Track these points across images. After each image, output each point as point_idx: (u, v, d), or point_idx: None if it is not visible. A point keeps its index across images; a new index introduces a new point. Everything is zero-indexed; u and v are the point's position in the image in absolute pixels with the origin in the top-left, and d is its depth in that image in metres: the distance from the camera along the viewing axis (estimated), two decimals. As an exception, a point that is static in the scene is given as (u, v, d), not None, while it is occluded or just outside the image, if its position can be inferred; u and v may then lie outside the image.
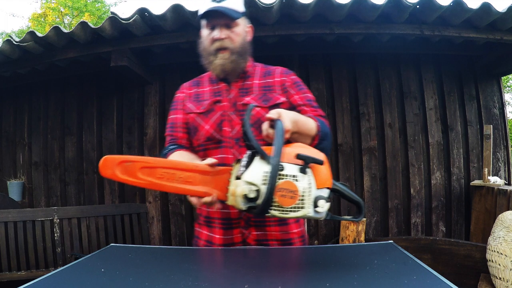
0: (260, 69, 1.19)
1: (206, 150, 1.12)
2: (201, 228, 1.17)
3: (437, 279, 0.77)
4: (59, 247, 2.60)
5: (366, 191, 2.83)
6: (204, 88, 1.19)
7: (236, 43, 1.08)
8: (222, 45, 1.07)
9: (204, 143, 1.12)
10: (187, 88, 1.22)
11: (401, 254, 0.97)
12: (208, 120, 1.12)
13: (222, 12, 1.03)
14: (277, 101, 1.10)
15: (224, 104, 1.12)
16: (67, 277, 0.84)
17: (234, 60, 1.09)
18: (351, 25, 2.38)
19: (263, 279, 0.79)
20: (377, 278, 0.72)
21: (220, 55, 1.08)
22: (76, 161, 3.06)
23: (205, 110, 1.13)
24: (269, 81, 1.15)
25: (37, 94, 3.15)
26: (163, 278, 0.82)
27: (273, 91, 1.13)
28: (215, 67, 1.09)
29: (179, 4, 2.19)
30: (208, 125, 1.11)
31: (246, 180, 0.73)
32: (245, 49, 1.12)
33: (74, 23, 12.88)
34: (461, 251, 2.24)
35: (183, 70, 2.96)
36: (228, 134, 1.10)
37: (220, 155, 1.09)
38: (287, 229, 1.09)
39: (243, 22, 1.12)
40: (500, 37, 2.40)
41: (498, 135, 2.89)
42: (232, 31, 1.08)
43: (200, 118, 1.13)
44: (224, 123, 1.11)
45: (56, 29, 2.32)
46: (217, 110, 1.12)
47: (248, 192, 0.72)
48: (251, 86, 1.14)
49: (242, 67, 1.13)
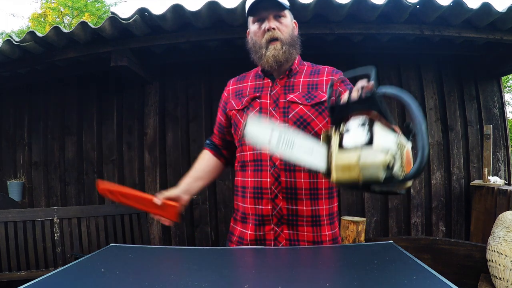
0: (308, 68, 1.19)
1: (242, 145, 1.15)
2: (236, 224, 1.19)
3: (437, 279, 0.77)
4: (59, 247, 2.60)
5: (366, 191, 2.83)
6: (247, 83, 1.20)
7: (286, 34, 1.10)
8: (273, 35, 1.08)
9: (242, 139, 1.14)
10: (232, 84, 1.25)
11: (401, 254, 0.97)
12: (246, 117, 1.12)
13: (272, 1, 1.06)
14: (321, 99, 1.09)
15: (263, 100, 1.12)
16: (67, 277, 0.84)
17: (286, 50, 1.09)
18: (351, 25, 2.38)
19: (263, 279, 0.79)
20: (377, 278, 0.72)
21: (271, 46, 1.08)
22: (76, 161, 3.06)
23: (243, 107, 1.14)
24: (315, 79, 1.14)
25: (37, 94, 3.15)
26: (163, 278, 0.82)
27: (318, 89, 1.12)
28: (268, 59, 1.08)
29: (179, 4, 2.19)
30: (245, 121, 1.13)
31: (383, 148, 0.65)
32: (295, 41, 1.13)
33: (74, 23, 12.88)
34: (461, 251, 2.24)
35: (183, 70, 2.96)
36: None
37: (257, 151, 1.10)
38: (320, 230, 1.09)
39: (290, 15, 1.14)
40: (500, 37, 2.40)
41: (498, 135, 2.89)
42: (280, 22, 1.09)
43: (239, 114, 1.15)
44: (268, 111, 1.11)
45: (56, 29, 2.32)
46: (255, 106, 1.12)
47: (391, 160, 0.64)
48: (297, 84, 1.13)
49: (294, 58, 1.13)
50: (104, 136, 3.04)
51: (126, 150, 3.00)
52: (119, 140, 3.03)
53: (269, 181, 1.07)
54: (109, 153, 3.02)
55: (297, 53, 1.14)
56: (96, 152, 3.03)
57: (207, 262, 0.89)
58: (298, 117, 1.08)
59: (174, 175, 2.93)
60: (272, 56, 1.08)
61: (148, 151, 2.91)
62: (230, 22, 2.31)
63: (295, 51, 1.13)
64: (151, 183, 2.88)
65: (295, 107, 1.09)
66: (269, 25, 1.07)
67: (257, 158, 1.10)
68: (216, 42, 2.60)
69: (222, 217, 2.91)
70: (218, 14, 2.23)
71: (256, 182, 1.09)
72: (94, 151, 3.03)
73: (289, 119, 1.08)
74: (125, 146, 3.00)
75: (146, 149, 2.91)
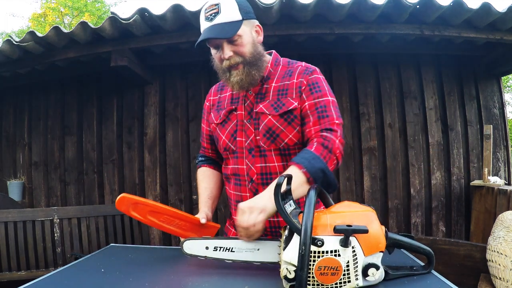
0: (282, 68, 1.12)
1: (225, 159, 1.15)
2: (231, 227, 1.20)
3: (437, 279, 0.77)
4: (59, 247, 2.60)
5: (366, 191, 2.83)
6: (226, 93, 1.17)
7: (245, 55, 1.02)
8: (231, 63, 1.02)
9: (223, 153, 1.14)
10: (212, 94, 1.23)
11: (401, 254, 0.97)
12: (225, 131, 1.11)
13: (215, 37, 0.98)
14: (289, 107, 1.03)
15: (239, 112, 1.09)
16: (67, 277, 0.84)
17: (249, 71, 1.03)
18: (351, 25, 2.38)
19: (263, 279, 0.79)
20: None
21: (233, 71, 1.03)
22: (76, 161, 3.06)
23: (221, 121, 1.12)
24: (286, 83, 1.08)
25: (37, 94, 3.15)
26: (163, 278, 0.82)
27: (288, 95, 1.05)
28: (233, 85, 1.04)
29: (179, 4, 2.19)
30: (224, 135, 1.11)
31: (284, 260, 0.69)
32: (257, 56, 1.05)
33: (74, 23, 12.87)
34: (461, 251, 2.24)
35: (183, 70, 2.96)
36: (241, 144, 1.07)
37: (234, 166, 1.10)
38: None
39: (248, 27, 1.03)
40: (500, 37, 2.40)
41: (498, 135, 2.89)
42: (236, 44, 1.01)
43: (218, 128, 1.14)
44: (238, 132, 1.08)
45: (56, 29, 2.32)
46: (232, 120, 1.10)
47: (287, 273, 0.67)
48: (268, 90, 1.08)
49: (259, 75, 1.06)
50: (104, 136, 3.04)
51: (126, 150, 3.00)
52: (119, 140, 3.03)
53: (248, 196, 1.07)
54: (109, 153, 3.02)
55: (261, 69, 1.07)
56: (96, 152, 3.03)
57: (207, 262, 0.89)
58: (267, 129, 1.04)
59: (174, 175, 2.93)
60: (236, 83, 1.03)
61: (148, 151, 2.91)
62: (230, 22, 2.31)
63: (258, 69, 1.05)
64: (151, 183, 2.88)
65: (264, 118, 1.04)
66: (223, 55, 1.01)
67: (236, 173, 1.10)
68: (216, 42, 2.60)
69: (222, 217, 2.91)
70: (218, 14, 2.23)
71: (237, 196, 1.11)
72: (94, 151, 3.03)
73: (259, 131, 1.05)
74: (125, 146, 3.00)
75: (146, 149, 2.91)
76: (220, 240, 0.88)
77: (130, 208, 0.92)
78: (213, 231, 1.05)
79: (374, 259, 0.69)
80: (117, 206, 0.91)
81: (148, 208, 0.94)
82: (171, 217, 0.96)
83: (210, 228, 1.05)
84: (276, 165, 1.05)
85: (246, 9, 1.04)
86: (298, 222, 0.68)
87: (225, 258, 0.86)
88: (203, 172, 1.24)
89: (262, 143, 1.05)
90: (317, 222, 0.68)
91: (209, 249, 0.87)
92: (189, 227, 1.00)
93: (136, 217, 0.93)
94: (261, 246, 0.84)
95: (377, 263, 0.69)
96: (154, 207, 0.94)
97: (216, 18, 0.97)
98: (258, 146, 1.06)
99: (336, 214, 0.71)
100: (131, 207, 0.92)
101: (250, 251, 0.84)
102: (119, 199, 0.90)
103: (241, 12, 1.01)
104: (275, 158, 1.05)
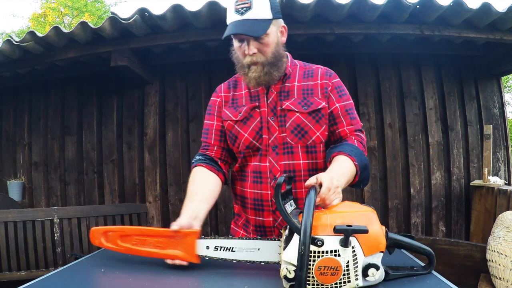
0: (300, 69, 1.13)
1: (245, 157, 1.11)
2: (238, 228, 1.18)
3: (437, 279, 0.77)
4: (59, 247, 2.60)
5: (366, 191, 2.83)
6: (241, 91, 1.14)
7: (268, 55, 1.02)
8: (253, 60, 1.02)
9: (244, 151, 1.10)
10: (223, 91, 1.18)
11: (401, 254, 0.97)
12: (247, 128, 1.08)
13: (246, 34, 0.98)
14: (318, 106, 1.06)
15: (262, 109, 1.08)
16: (67, 277, 0.84)
17: (268, 71, 1.03)
18: (351, 25, 2.38)
19: (263, 279, 0.79)
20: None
21: (253, 67, 1.03)
22: (76, 161, 3.06)
23: (242, 118, 1.09)
24: (310, 83, 1.09)
25: (37, 94, 3.15)
26: (163, 278, 0.82)
27: (314, 94, 1.07)
28: (250, 80, 1.05)
29: (179, 4, 2.19)
30: (247, 133, 1.08)
31: (284, 260, 0.69)
32: (279, 57, 1.06)
33: (74, 23, 12.87)
34: (461, 251, 2.24)
35: (183, 70, 2.96)
36: (266, 142, 1.07)
37: (255, 163, 1.08)
38: None
39: (275, 27, 1.03)
40: (500, 37, 2.40)
41: (498, 135, 2.89)
42: (262, 43, 1.00)
43: (238, 126, 1.10)
44: (264, 130, 1.07)
45: (56, 29, 2.32)
46: (255, 117, 1.08)
47: (286, 273, 0.68)
48: (291, 89, 1.09)
49: (278, 75, 1.07)
50: (104, 136, 3.04)
51: (126, 150, 3.00)
52: (119, 140, 3.03)
53: (270, 194, 1.05)
54: (109, 153, 3.02)
55: (281, 70, 1.08)
56: (96, 152, 3.03)
57: (207, 262, 0.89)
58: (295, 126, 1.05)
59: (174, 175, 2.93)
60: (253, 79, 1.04)
61: (148, 151, 2.91)
62: (230, 22, 2.31)
63: (278, 69, 1.06)
64: (151, 183, 2.88)
65: (291, 115, 1.06)
66: (248, 51, 1.01)
67: (257, 170, 1.08)
68: (216, 42, 2.60)
69: (222, 217, 2.91)
70: (218, 14, 2.23)
71: (256, 194, 1.08)
72: (94, 151, 3.03)
73: (286, 128, 1.06)
74: (125, 146, 3.00)
75: (146, 149, 2.91)
76: (221, 240, 0.88)
77: (102, 239, 0.90)
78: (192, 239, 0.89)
79: (374, 259, 0.69)
80: (92, 242, 0.91)
81: (118, 233, 0.90)
82: (142, 236, 0.89)
83: (189, 236, 0.89)
84: (301, 163, 1.06)
85: (276, 8, 1.04)
86: (298, 222, 0.68)
87: (226, 258, 0.85)
88: (200, 172, 1.10)
89: (290, 140, 1.06)
90: (317, 222, 0.68)
91: (210, 248, 0.87)
92: (166, 242, 0.89)
93: (110, 247, 0.90)
94: (262, 246, 0.84)
95: (377, 263, 0.69)
96: (122, 230, 0.91)
97: (247, 13, 0.97)
98: (283, 143, 1.06)
99: (336, 214, 0.71)
100: (103, 238, 0.90)
101: (250, 250, 0.84)
102: (90, 234, 0.91)
103: (272, 11, 1.02)
104: (301, 156, 1.06)
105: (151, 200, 2.87)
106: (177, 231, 0.89)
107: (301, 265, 0.59)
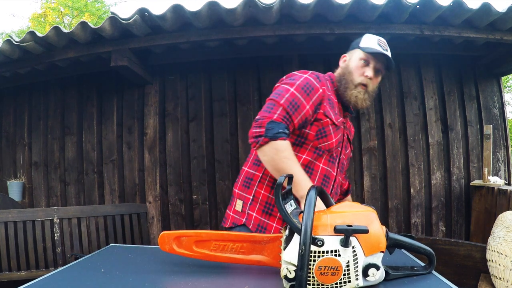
0: None
1: (319, 155, 1.19)
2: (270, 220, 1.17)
3: (437, 279, 0.77)
4: (59, 247, 2.60)
5: (366, 191, 2.83)
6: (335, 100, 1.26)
7: (373, 86, 1.25)
8: (367, 83, 1.22)
9: (323, 150, 1.19)
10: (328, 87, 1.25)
11: (401, 254, 0.97)
12: (336, 135, 1.20)
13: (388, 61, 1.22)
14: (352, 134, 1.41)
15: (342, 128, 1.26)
16: (67, 277, 0.84)
17: (367, 98, 1.23)
18: (351, 25, 2.38)
19: (263, 279, 0.79)
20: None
21: (359, 88, 1.21)
22: (76, 161, 3.06)
23: (338, 125, 1.22)
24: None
25: (37, 94, 3.15)
26: (163, 278, 0.82)
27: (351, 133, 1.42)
28: (351, 96, 1.21)
29: (179, 4, 2.19)
30: (335, 138, 1.20)
31: (284, 260, 0.69)
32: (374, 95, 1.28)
33: (74, 23, 12.87)
34: (461, 251, 2.23)
35: (183, 70, 2.96)
36: (339, 154, 1.25)
37: (328, 167, 1.20)
38: None
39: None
40: (500, 37, 2.40)
41: (498, 135, 2.89)
42: (377, 76, 1.24)
43: (333, 128, 1.20)
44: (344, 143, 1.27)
45: (56, 29, 2.32)
46: (340, 131, 1.24)
47: (287, 273, 0.68)
48: (349, 126, 1.37)
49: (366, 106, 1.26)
50: (104, 136, 3.04)
51: (126, 150, 3.00)
52: (119, 140, 3.03)
53: None
54: (109, 153, 3.02)
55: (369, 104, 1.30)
56: (96, 152, 3.03)
57: (207, 262, 0.89)
58: (349, 155, 1.31)
59: (174, 175, 2.93)
60: (354, 97, 1.21)
61: (148, 151, 2.90)
62: (230, 22, 2.31)
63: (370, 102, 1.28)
64: (151, 183, 2.88)
65: (349, 146, 1.32)
66: (370, 74, 1.20)
67: (327, 175, 1.21)
68: (216, 42, 2.60)
69: (222, 217, 2.91)
70: (218, 14, 2.23)
71: None
72: (94, 151, 3.03)
73: (346, 153, 1.30)
74: (125, 146, 3.00)
75: (146, 149, 2.91)
76: None
77: (174, 244, 0.83)
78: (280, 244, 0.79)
79: (374, 259, 0.69)
80: (161, 248, 0.84)
81: (193, 238, 0.83)
82: (222, 242, 0.83)
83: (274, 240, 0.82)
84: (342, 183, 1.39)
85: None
86: (298, 222, 0.68)
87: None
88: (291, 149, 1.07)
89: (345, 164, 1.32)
90: (317, 222, 0.68)
91: None
92: (250, 247, 0.83)
93: (184, 253, 0.83)
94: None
95: (378, 263, 0.69)
96: (198, 235, 0.83)
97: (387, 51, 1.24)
98: (343, 164, 1.29)
99: (337, 214, 0.71)
100: (175, 244, 0.84)
101: None
102: (160, 238, 0.84)
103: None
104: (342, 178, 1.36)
105: (151, 200, 2.87)
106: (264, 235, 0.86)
107: (301, 265, 0.59)
